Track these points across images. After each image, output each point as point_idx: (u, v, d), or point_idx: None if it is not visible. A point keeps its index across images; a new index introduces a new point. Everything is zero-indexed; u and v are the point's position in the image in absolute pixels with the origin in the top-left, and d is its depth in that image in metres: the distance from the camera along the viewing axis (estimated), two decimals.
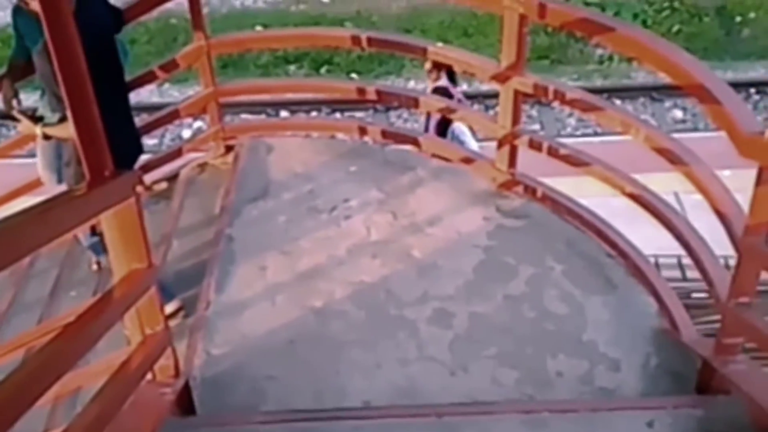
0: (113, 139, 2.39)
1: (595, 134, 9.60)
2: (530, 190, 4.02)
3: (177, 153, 4.63)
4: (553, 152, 3.85)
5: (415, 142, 4.40)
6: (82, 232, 3.84)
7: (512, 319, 3.44)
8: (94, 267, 4.18)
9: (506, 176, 4.05)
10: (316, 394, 3.17)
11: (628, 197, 3.55)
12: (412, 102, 4.67)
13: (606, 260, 3.70)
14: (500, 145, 4.01)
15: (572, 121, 10.17)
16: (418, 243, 3.81)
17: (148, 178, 4.72)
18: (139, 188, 2.61)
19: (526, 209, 3.98)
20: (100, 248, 3.86)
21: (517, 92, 3.80)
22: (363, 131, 4.53)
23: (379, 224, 3.92)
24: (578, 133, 9.93)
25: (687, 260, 6.82)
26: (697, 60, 3.02)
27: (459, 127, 5.50)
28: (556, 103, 10.41)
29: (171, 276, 3.97)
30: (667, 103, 10.37)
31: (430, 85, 5.73)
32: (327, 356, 3.31)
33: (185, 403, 3.01)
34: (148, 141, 10.07)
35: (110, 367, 2.83)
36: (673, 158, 3.22)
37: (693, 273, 6.70)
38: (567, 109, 10.27)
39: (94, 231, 3.78)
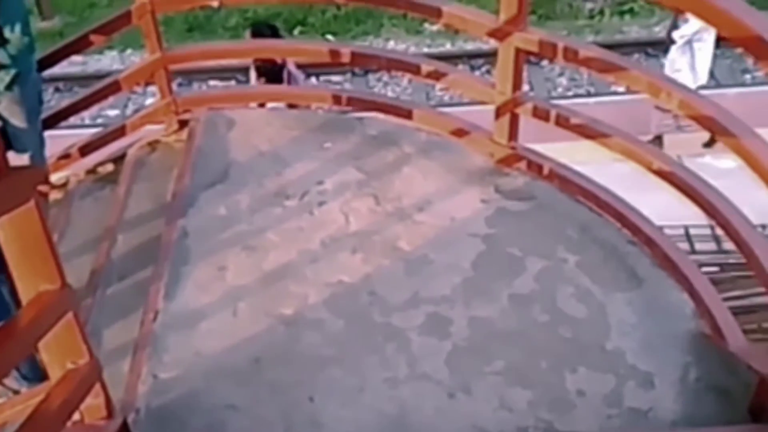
0: None
1: (589, 95, 9.01)
2: (535, 167, 3.44)
3: (123, 129, 3.99)
4: (562, 122, 3.26)
5: (400, 111, 3.78)
6: None
7: (521, 325, 2.88)
8: None
9: (506, 150, 3.47)
10: (287, 426, 2.61)
11: (656, 174, 2.97)
12: (393, 64, 4.05)
13: (628, 249, 3.13)
14: (499, 113, 3.43)
15: (563, 80, 9.57)
16: (405, 233, 3.23)
17: (92, 158, 4.12)
18: (44, 188, 2.00)
19: (530, 189, 3.40)
20: None
21: (518, 51, 3.21)
22: (338, 100, 3.90)
23: (359, 211, 3.33)
24: (570, 93, 9.32)
25: (695, 230, 6.47)
26: (753, 8, 2.42)
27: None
28: (545, 62, 9.80)
29: (115, 278, 3.38)
30: (664, 60, 9.75)
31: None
32: (299, 378, 2.74)
33: None
34: (109, 112, 9.47)
35: (29, 406, 2.28)
36: (715, 127, 2.64)
37: (703, 245, 6.32)
38: (557, 68, 9.68)
39: None
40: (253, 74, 4.97)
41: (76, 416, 2.35)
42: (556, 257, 3.10)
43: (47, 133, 3.96)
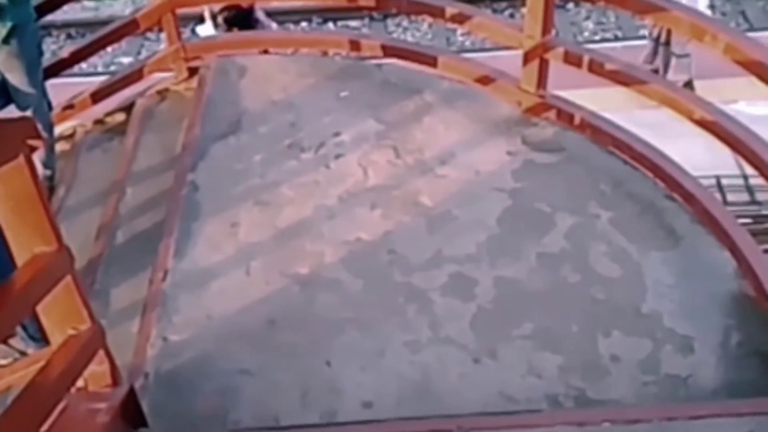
0: None
1: (616, 39, 8.68)
2: (565, 116, 3.23)
3: (130, 77, 3.81)
4: (596, 68, 3.04)
5: (421, 57, 3.57)
6: None
7: (550, 286, 2.72)
8: None
9: (534, 99, 3.27)
10: (303, 393, 2.48)
11: (696, 124, 2.76)
12: (413, 7, 3.82)
13: (665, 204, 2.95)
14: (527, 59, 3.22)
15: (590, 24, 9.21)
16: (427, 187, 3.06)
17: (99, 108, 3.95)
18: (36, 143, 1.83)
19: (560, 140, 3.21)
20: None
21: None
22: (356, 46, 3.69)
23: (378, 164, 3.16)
24: (597, 38, 8.98)
25: (727, 181, 6.23)
26: None
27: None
28: (570, 5, 9.44)
29: (123, 234, 3.23)
30: None
31: None
32: (316, 341, 2.60)
33: (131, 416, 2.30)
34: (123, 60, 9.26)
35: (31, 372, 2.16)
36: (765, 72, 2.42)
37: (735, 196, 6.09)
38: (584, 11, 9.33)
39: None
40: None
41: (80, 383, 2.23)
42: (587, 213, 2.92)
43: (58, 82, 3.81)
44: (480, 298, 2.69)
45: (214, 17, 4.59)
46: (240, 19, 4.52)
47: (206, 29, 4.77)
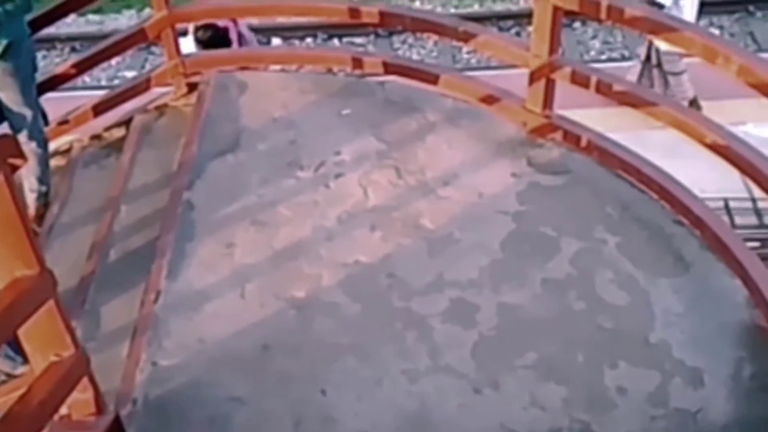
0: None
1: (623, 58, 8.60)
2: (572, 137, 3.16)
3: (128, 92, 3.74)
4: (603, 88, 2.96)
5: (424, 75, 3.49)
6: None
7: (555, 313, 2.64)
8: None
9: (540, 119, 3.19)
10: (296, 422, 2.40)
11: (709, 149, 2.68)
12: (419, 24, 3.75)
13: (674, 229, 2.87)
14: (533, 78, 3.15)
15: (596, 43, 9.15)
16: (429, 209, 2.99)
17: (97, 123, 3.88)
18: (17, 161, 1.75)
19: (566, 162, 3.13)
20: None
21: (557, 9, 2.92)
22: (359, 63, 3.62)
23: (379, 184, 3.08)
24: (603, 57, 8.91)
25: (735, 203, 6.13)
26: None
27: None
28: (577, 23, 9.39)
29: (116, 253, 3.15)
30: None
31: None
32: (311, 368, 2.52)
33: None
34: (126, 74, 9.22)
35: (11, 399, 2.07)
36: None
37: (743, 219, 5.99)
38: (590, 30, 9.27)
39: None
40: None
41: (63, 411, 2.14)
42: (594, 238, 2.85)
43: (60, 96, 3.73)
44: (482, 326, 2.61)
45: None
46: (215, 41, 4.43)
47: (187, 44, 4.66)
